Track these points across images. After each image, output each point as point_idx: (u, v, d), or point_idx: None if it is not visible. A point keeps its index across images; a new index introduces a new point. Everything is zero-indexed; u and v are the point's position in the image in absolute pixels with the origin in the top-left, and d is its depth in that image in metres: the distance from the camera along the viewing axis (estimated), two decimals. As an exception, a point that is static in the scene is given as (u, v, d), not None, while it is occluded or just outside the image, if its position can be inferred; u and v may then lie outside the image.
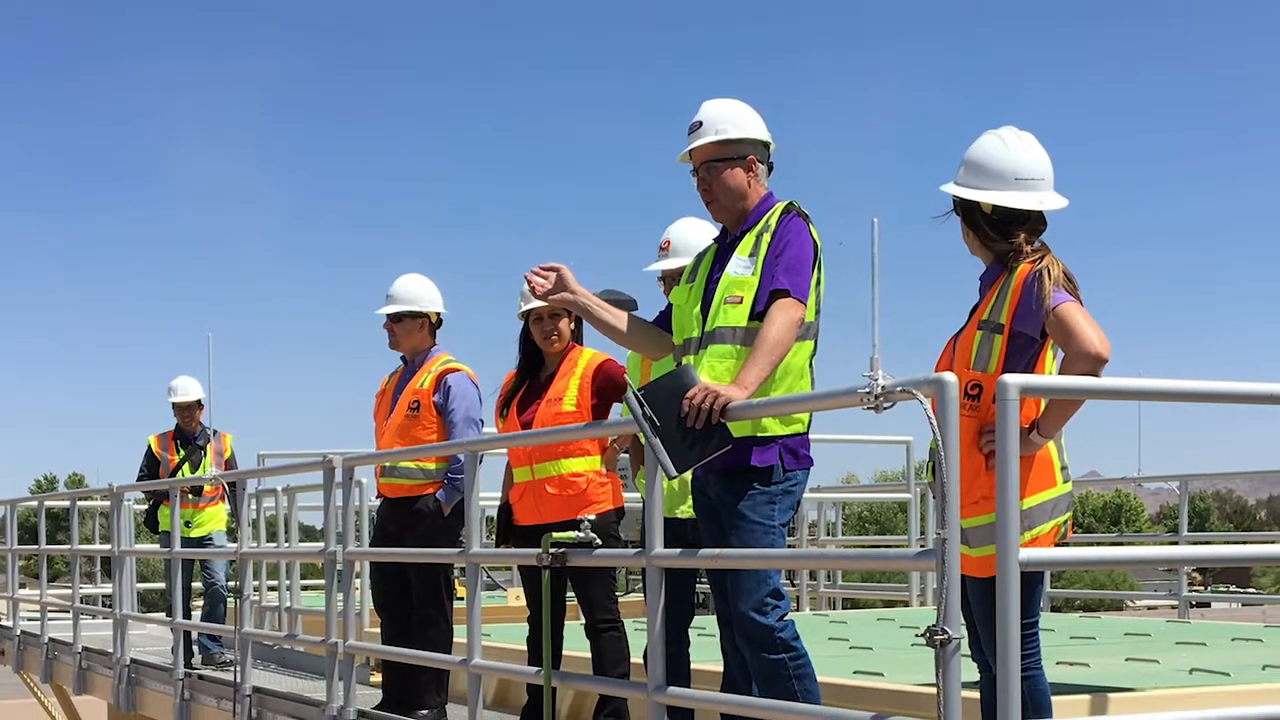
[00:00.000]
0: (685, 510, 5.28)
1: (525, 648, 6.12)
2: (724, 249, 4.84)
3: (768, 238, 4.70)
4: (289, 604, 11.51)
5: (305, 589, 12.67)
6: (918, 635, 3.91)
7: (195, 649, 10.30)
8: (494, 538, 6.48)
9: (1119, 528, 54.11)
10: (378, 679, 7.85)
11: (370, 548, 7.89)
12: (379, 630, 7.33)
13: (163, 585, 11.28)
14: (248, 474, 9.36)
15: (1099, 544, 18.03)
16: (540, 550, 5.23)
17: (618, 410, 6.04)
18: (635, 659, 5.88)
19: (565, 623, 5.76)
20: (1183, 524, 11.30)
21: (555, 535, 5.25)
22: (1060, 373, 4.18)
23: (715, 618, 5.09)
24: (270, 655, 10.10)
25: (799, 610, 12.06)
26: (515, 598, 11.25)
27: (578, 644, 6.09)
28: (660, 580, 4.58)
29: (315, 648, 7.66)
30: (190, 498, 10.51)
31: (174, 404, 10.79)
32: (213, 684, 8.98)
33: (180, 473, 10.63)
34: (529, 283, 4.91)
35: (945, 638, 3.45)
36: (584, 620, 6.03)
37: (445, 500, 6.86)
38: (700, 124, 4.84)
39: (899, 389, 3.66)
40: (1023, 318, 4.18)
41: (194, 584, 11.08)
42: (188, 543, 10.28)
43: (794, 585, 12.75)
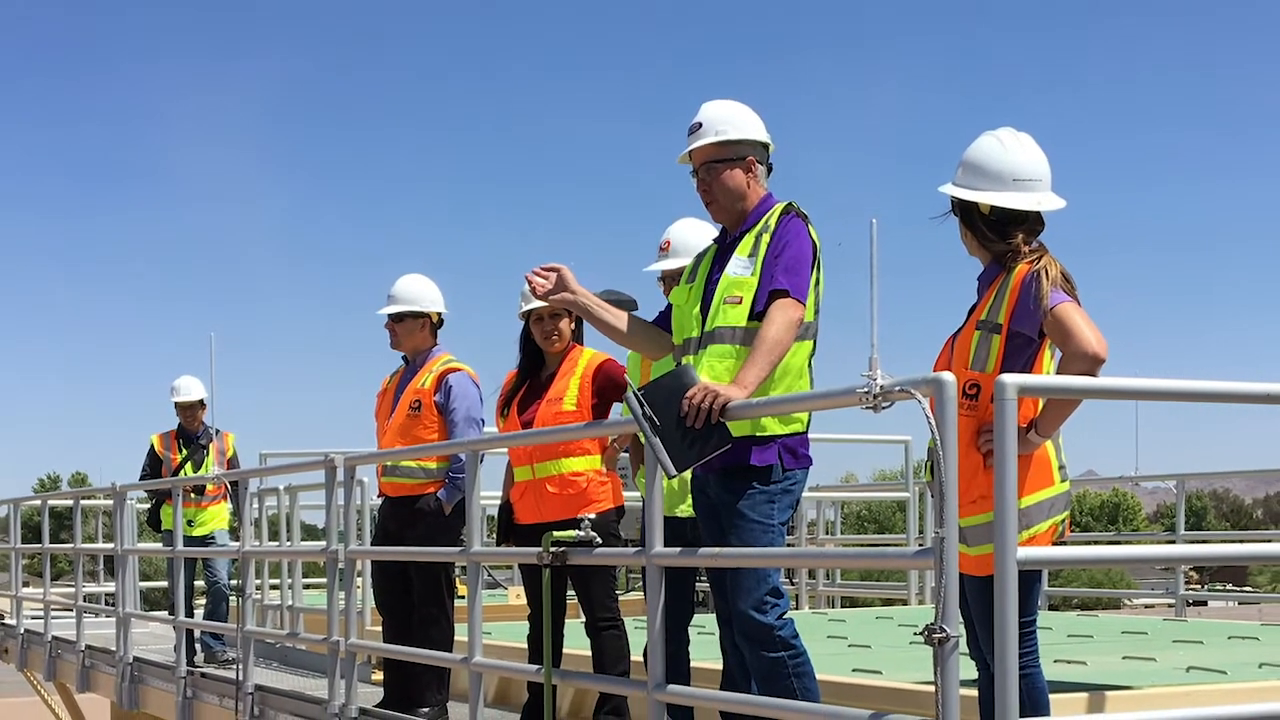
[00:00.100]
0: (685, 509, 5.29)
1: (526, 646, 6.12)
2: (723, 249, 4.84)
3: (767, 238, 4.70)
4: (291, 602, 11.52)
5: (307, 587, 12.70)
6: (916, 633, 3.91)
7: (198, 647, 10.30)
8: (495, 536, 6.49)
9: (1116, 527, 54.04)
10: (379, 677, 7.87)
11: (372, 546, 7.89)
12: (380, 628, 7.34)
13: (165, 584, 11.29)
14: (250, 473, 9.37)
15: (1096, 543, 18.02)
16: (541, 549, 5.24)
17: (618, 410, 6.04)
18: (635, 657, 5.88)
19: (566, 621, 5.76)
20: (1180, 523, 11.28)
21: (556, 534, 5.25)
22: (1058, 372, 4.19)
23: (715, 616, 5.09)
24: (272, 653, 10.10)
25: (798, 608, 12.05)
26: (516, 596, 11.27)
27: (578, 642, 6.09)
28: (660, 579, 4.58)
29: (317, 646, 7.67)
30: (193, 497, 10.52)
31: (176, 403, 10.80)
32: (215, 682, 8.97)
33: (183, 472, 10.65)
34: (529, 283, 4.91)
35: (943, 636, 3.46)
36: (584, 618, 6.03)
37: (446, 499, 6.86)
38: (700, 125, 4.83)
39: (897, 389, 3.67)
40: (1021, 318, 4.18)
41: (196, 582, 11.10)
42: (190, 541, 10.29)
43: (793, 584, 12.73)
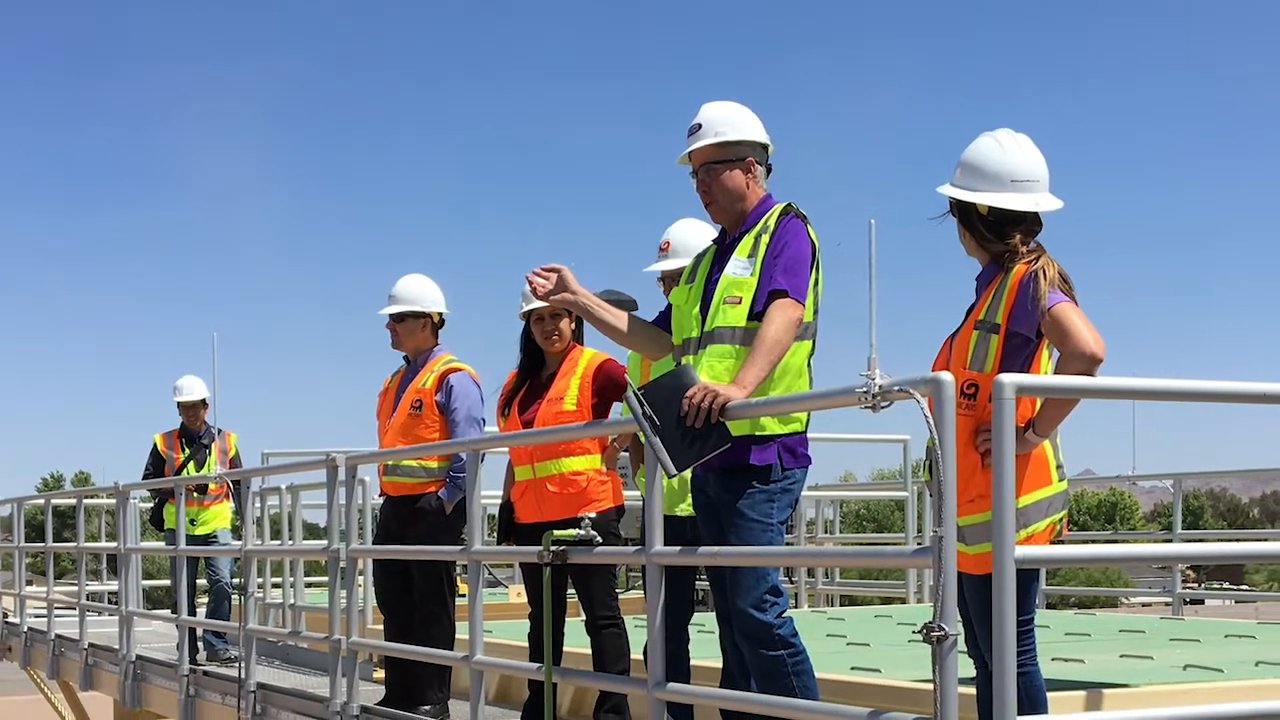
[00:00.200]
0: (685, 508, 5.30)
1: (527, 644, 6.13)
2: (723, 250, 4.85)
3: (766, 239, 4.70)
4: (293, 601, 11.55)
5: (309, 586, 12.74)
6: (915, 632, 3.92)
7: (200, 645, 10.32)
8: (495, 535, 6.52)
9: (1114, 526, 53.96)
10: (381, 675, 7.89)
11: (373, 545, 7.92)
12: (382, 627, 7.36)
13: (168, 582, 11.31)
14: (252, 472, 9.36)
15: (1094, 542, 18.01)
16: (541, 548, 5.25)
17: (618, 409, 6.04)
18: (635, 655, 5.89)
19: (566, 619, 5.78)
20: (1176, 522, 11.30)
21: (556, 533, 5.27)
22: (1055, 372, 4.20)
23: (714, 614, 5.10)
24: (274, 651, 10.12)
25: (797, 607, 12.07)
26: (517, 595, 11.27)
27: (578, 640, 6.11)
28: (660, 577, 4.59)
29: (319, 644, 7.70)
30: (195, 496, 10.55)
31: (179, 403, 10.82)
32: (217, 680, 8.99)
33: (185, 471, 10.67)
34: (530, 283, 4.92)
35: (942, 634, 3.47)
36: (584, 617, 6.04)
37: (447, 498, 6.87)
38: (699, 126, 4.84)
39: (896, 388, 3.68)
40: (1018, 318, 4.20)
41: (199, 581, 11.12)
42: (193, 540, 10.31)
43: (792, 582, 12.75)
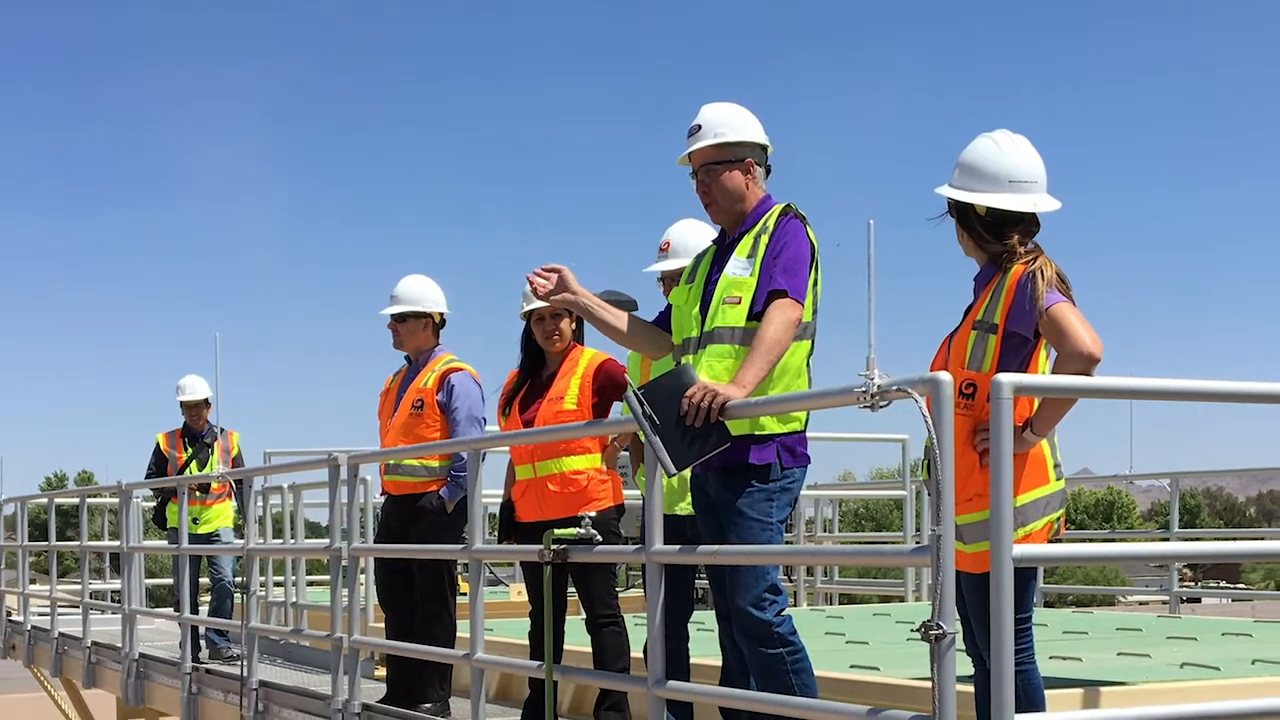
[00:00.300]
0: (684, 507, 5.31)
1: (527, 642, 6.15)
2: (722, 250, 4.87)
3: (766, 239, 4.72)
4: (295, 599, 11.57)
5: (311, 584, 12.77)
6: (913, 630, 3.92)
7: (203, 643, 10.35)
8: (496, 534, 6.54)
9: (1111, 524, 53.83)
10: (382, 673, 7.91)
11: (375, 544, 7.94)
12: (383, 625, 7.39)
13: (171, 581, 11.33)
14: (254, 471, 9.39)
15: (1091, 540, 18.01)
16: (542, 547, 5.27)
17: (618, 409, 6.05)
18: (635, 653, 5.90)
19: (566, 618, 5.80)
20: (1173, 521, 11.33)
21: (557, 532, 5.29)
22: (1053, 372, 4.21)
23: (714, 613, 5.12)
24: (276, 650, 10.15)
25: (796, 605, 12.09)
26: (517, 593, 11.29)
27: (579, 639, 6.13)
28: (660, 576, 4.61)
29: (321, 642, 7.72)
30: (198, 495, 10.57)
31: (182, 403, 10.85)
32: (220, 678, 9.02)
33: (188, 470, 10.70)
34: (531, 284, 4.93)
35: (940, 632, 3.48)
36: (585, 615, 6.06)
37: (448, 497, 6.90)
38: (699, 127, 4.86)
39: (895, 388, 3.69)
40: (1016, 318, 4.21)
41: (201, 579, 11.15)
42: (195, 539, 10.33)
43: (791, 581, 12.77)
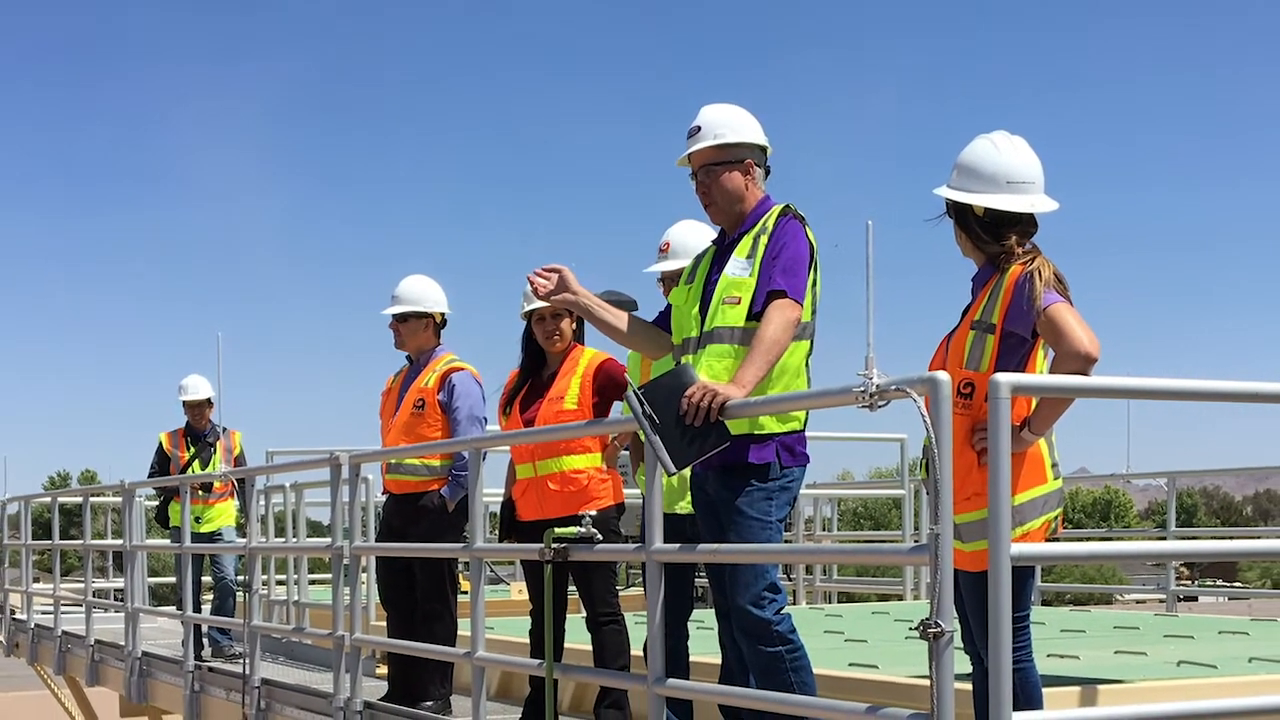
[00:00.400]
0: (684, 506, 5.32)
1: (528, 640, 6.17)
2: (722, 251, 4.88)
3: (765, 240, 4.73)
4: (297, 598, 11.59)
5: (313, 583, 12.79)
6: (911, 628, 3.93)
7: (205, 642, 10.37)
8: (497, 533, 6.56)
9: (1108, 523, 53.76)
10: (384, 671, 7.92)
11: (376, 543, 7.96)
12: (385, 623, 7.41)
13: (173, 579, 11.34)
14: (257, 471, 9.41)
15: (1089, 539, 18.02)
16: (542, 545, 5.28)
17: (618, 408, 6.07)
18: (635, 651, 5.91)
19: (567, 616, 5.82)
20: (1170, 520, 11.33)
21: (557, 530, 5.29)
22: (1051, 372, 4.23)
23: (714, 611, 5.14)
24: (278, 648, 10.17)
25: (795, 604, 12.10)
26: (518, 592, 11.32)
27: (579, 637, 6.15)
28: (660, 575, 4.62)
29: (322, 640, 7.74)
30: (200, 494, 10.59)
31: (184, 402, 10.86)
32: (222, 676, 9.05)
33: (191, 469, 10.71)
34: (531, 284, 4.95)
35: (938, 631, 3.49)
36: (585, 614, 6.08)
37: (449, 496, 6.92)
38: (699, 128, 4.87)
39: (893, 388, 3.71)
40: (1014, 318, 4.22)
41: (204, 578, 11.17)
42: (198, 538, 10.35)
43: (790, 579, 12.79)
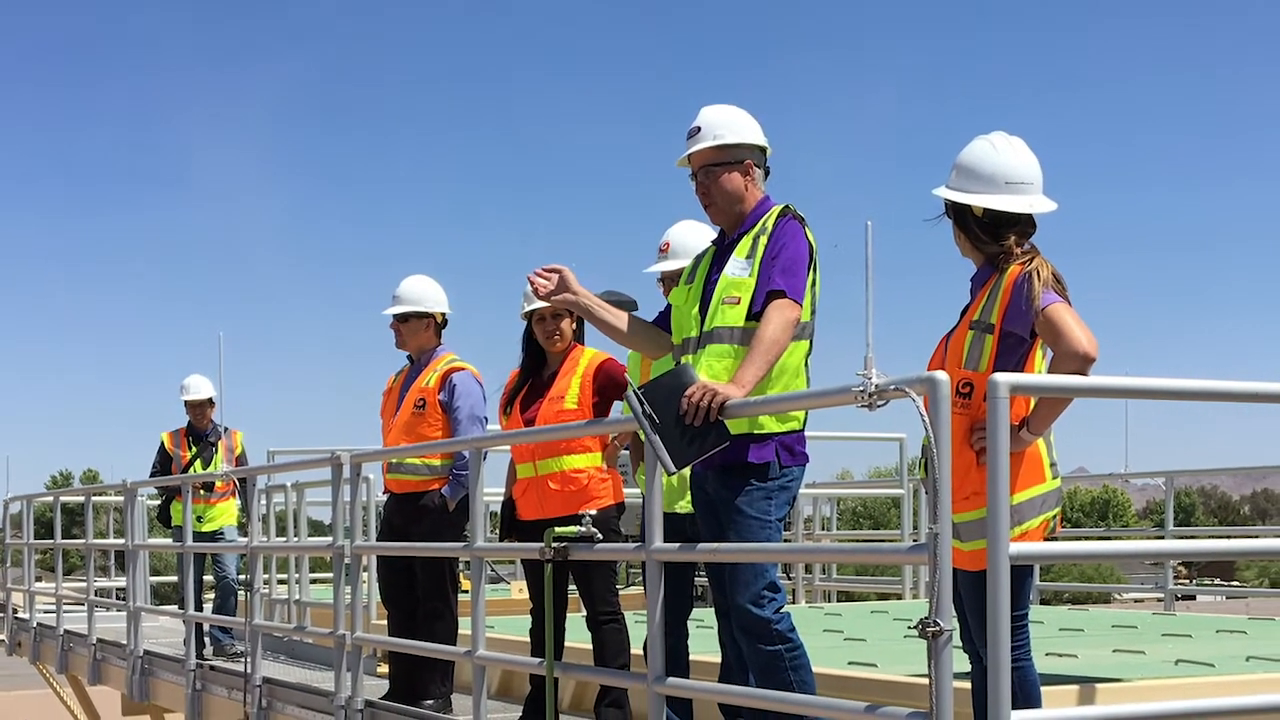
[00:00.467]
0: (684, 505, 5.33)
1: (528, 639, 6.19)
2: (722, 251, 4.90)
3: (764, 240, 4.75)
4: (298, 597, 11.60)
5: (314, 582, 12.80)
6: (910, 627, 3.94)
7: (207, 640, 10.39)
8: (498, 532, 6.57)
9: (1107, 523, 53.59)
10: (385, 670, 7.94)
11: (377, 542, 7.98)
12: (386, 622, 7.42)
13: (175, 578, 11.36)
14: (258, 470, 9.43)
15: (1087, 538, 18.03)
16: (543, 544, 5.29)
17: (618, 408, 6.09)
18: (635, 650, 5.92)
19: (567, 615, 5.84)
20: (1169, 519, 11.31)
21: (557, 530, 5.31)
22: (1049, 372, 4.24)
23: (713, 610, 5.16)
24: (280, 646, 10.19)
25: (795, 603, 12.12)
26: (519, 591, 11.32)
27: (579, 636, 6.16)
28: (660, 574, 4.64)
29: (324, 639, 7.76)
30: (202, 493, 10.61)
31: (186, 402, 10.88)
32: (224, 674, 9.07)
33: (192, 469, 10.74)
34: (532, 284, 4.97)
35: (937, 629, 3.51)
36: (585, 613, 6.10)
37: (450, 496, 6.93)
38: (698, 129, 4.88)
39: (892, 387, 3.72)
40: (1013, 318, 4.23)
41: (205, 577, 11.19)
42: (200, 537, 10.37)
43: (790, 578, 12.81)
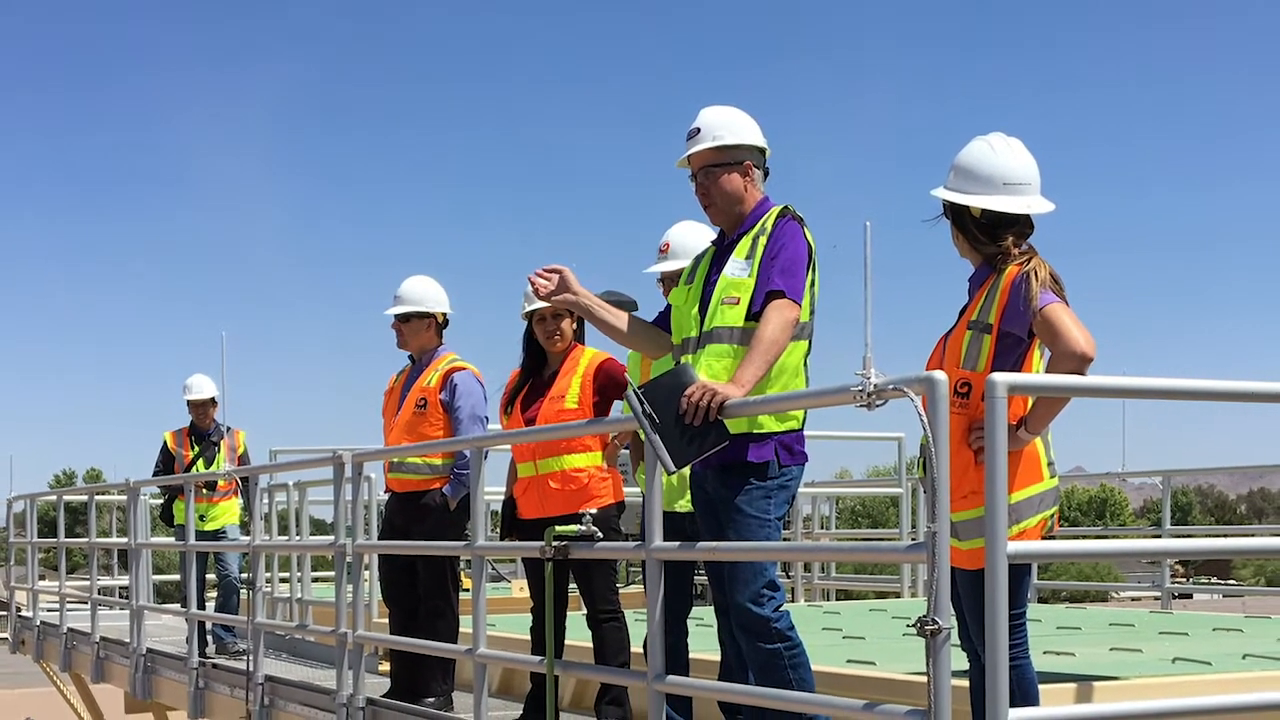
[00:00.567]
0: (684, 504, 5.36)
1: (529, 637, 6.20)
2: (721, 251, 4.92)
3: (764, 240, 4.77)
4: (300, 595, 11.61)
5: (315, 581, 12.80)
6: (909, 625, 3.96)
7: (209, 639, 10.42)
8: (499, 531, 6.60)
9: (1104, 521, 53.60)
10: (386, 668, 7.96)
11: (379, 541, 8.00)
12: (387, 621, 7.44)
13: (178, 577, 11.42)
14: (260, 469, 9.46)
15: (1084, 537, 18.03)
16: (543, 543, 5.31)
17: (618, 408, 6.10)
18: (635, 648, 5.95)
19: (568, 613, 5.87)
20: (1165, 518, 11.31)
21: (558, 529, 5.32)
22: (1047, 371, 4.25)
23: (713, 608, 5.18)
24: (282, 645, 10.22)
25: (794, 601, 12.13)
26: (519, 589, 11.34)
27: (580, 634, 6.18)
28: (659, 572, 4.66)
29: (325, 637, 7.78)
30: (204, 492, 10.63)
31: (189, 401, 10.91)
32: (226, 672, 9.09)
33: (195, 468, 10.76)
34: (532, 284, 4.99)
35: (935, 628, 3.53)
36: (586, 611, 6.11)
37: (451, 495, 6.95)
38: (698, 130, 4.90)
39: (891, 387, 3.74)
40: (1011, 318, 4.24)
41: (208, 576, 11.22)
42: (202, 536, 10.39)
43: (789, 577, 12.83)
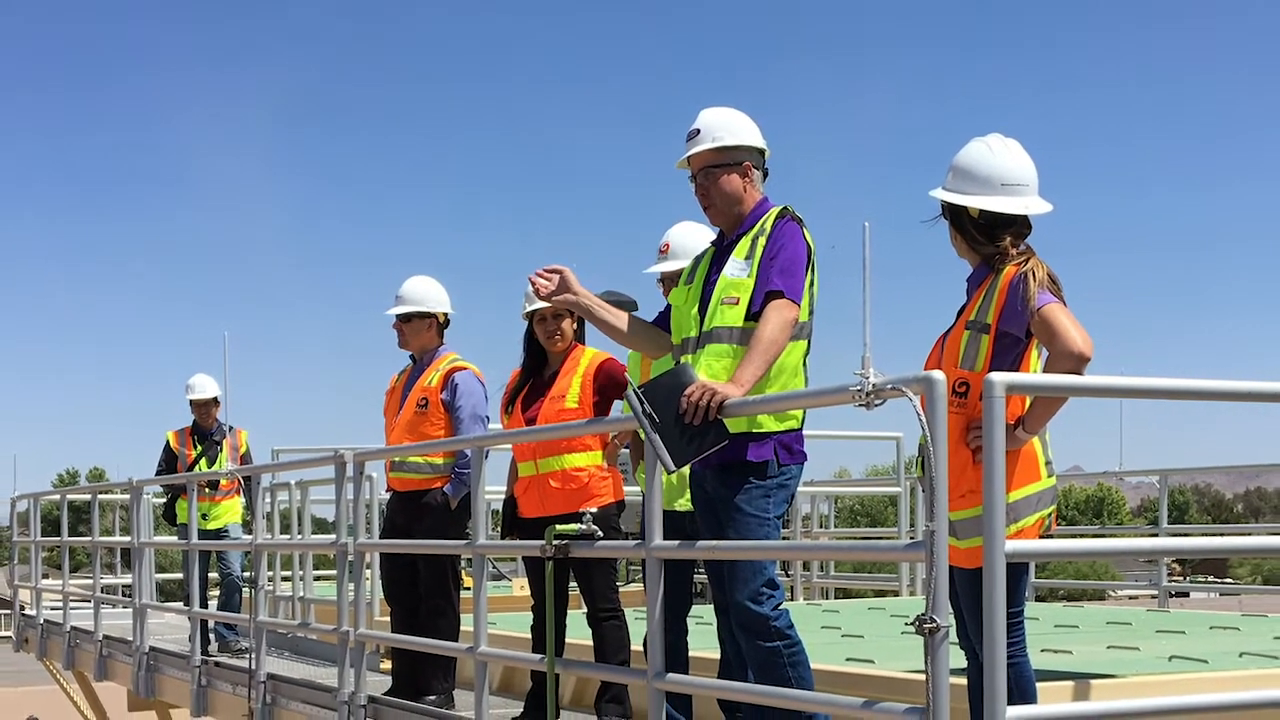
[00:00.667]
0: (684, 503, 5.38)
1: (530, 636, 6.20)
2: (721, 252, 4.94)
3: (763, 241, 4.78)
4: (302, 594, 11.62)
5: (317, 579, 12.81)
6: (907, 624, 3.95)
7: (212, 637, 10.45)
8: (499, 530, 6.62)
9: (1101, 520, 53.67)
10: (388, 666, 7.98)
11: (380, 539, 8.02)
12: (389, 619, 7.46)
13: (180, 576, 11.46)
14: (262, 468, 9.49)
15: (1082, 536, 18.03)
16: (544, 542, 5.33)
17: (619, 407, 6.12)
18: (635, 646, 5.97)
19: (568, 612, 5.89)
20: (1162, 517, 11.34)
21: (558, 528, 5.35)
22: (1044, 371, 4.26)
23: (713, 607, 5.19)
24: (284, 643, 10.24)
25: (793, 600, 12.14)
26: (520, 588, 11.36)
27: (580, 632, 6.21)
28: (659, 571, 4.68)
29: (327, 636, 7.80)
30: (207, 491, 10.66)
31: (192, 401, 10.93)
32: (229, 670, 9.13)
33: (197, 467, 10.78)
34: (533, 284, 5.01)
35: (934, 626, 3.55)
36: (586, 609, 6.13)
37: (452, 494, 6.97)
38: (698, 131, 4.92)
39: (889, 387, 3.76)
40: (1009, 318, 4.26)
41: (210, 574, 11.24)
42: (205, 535, 10.42)
43: (788, 576, 12.84)
